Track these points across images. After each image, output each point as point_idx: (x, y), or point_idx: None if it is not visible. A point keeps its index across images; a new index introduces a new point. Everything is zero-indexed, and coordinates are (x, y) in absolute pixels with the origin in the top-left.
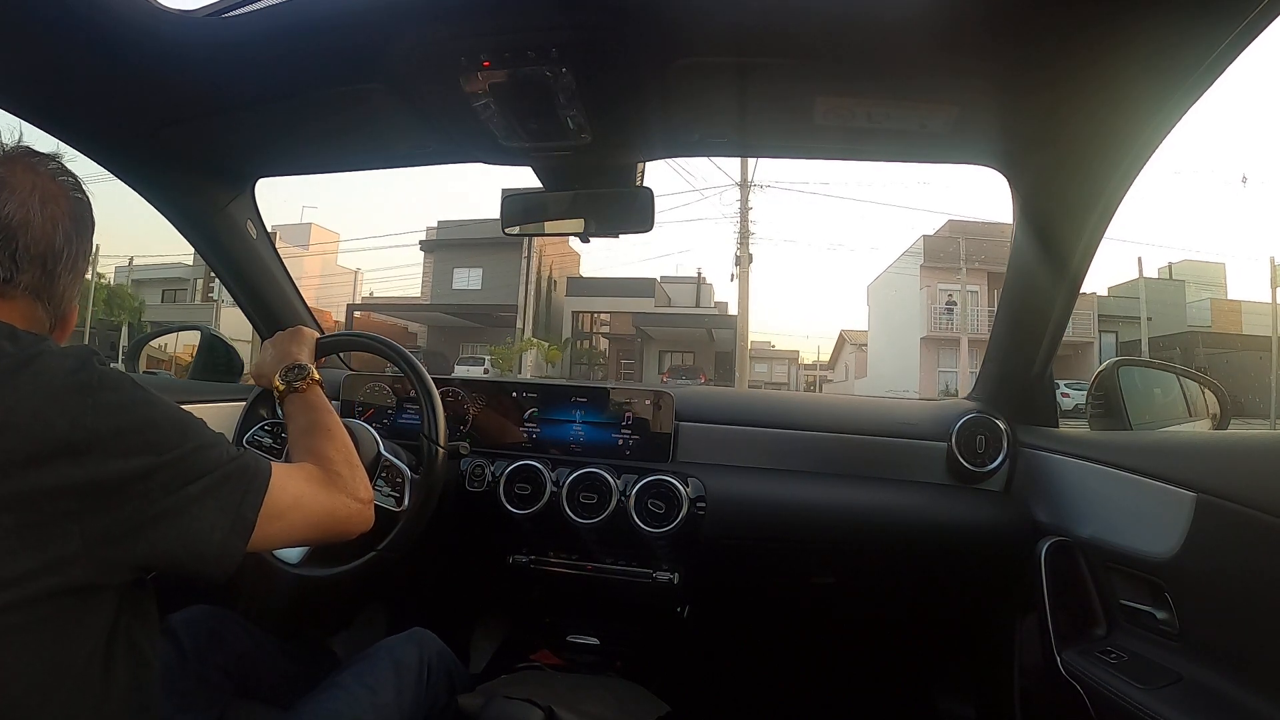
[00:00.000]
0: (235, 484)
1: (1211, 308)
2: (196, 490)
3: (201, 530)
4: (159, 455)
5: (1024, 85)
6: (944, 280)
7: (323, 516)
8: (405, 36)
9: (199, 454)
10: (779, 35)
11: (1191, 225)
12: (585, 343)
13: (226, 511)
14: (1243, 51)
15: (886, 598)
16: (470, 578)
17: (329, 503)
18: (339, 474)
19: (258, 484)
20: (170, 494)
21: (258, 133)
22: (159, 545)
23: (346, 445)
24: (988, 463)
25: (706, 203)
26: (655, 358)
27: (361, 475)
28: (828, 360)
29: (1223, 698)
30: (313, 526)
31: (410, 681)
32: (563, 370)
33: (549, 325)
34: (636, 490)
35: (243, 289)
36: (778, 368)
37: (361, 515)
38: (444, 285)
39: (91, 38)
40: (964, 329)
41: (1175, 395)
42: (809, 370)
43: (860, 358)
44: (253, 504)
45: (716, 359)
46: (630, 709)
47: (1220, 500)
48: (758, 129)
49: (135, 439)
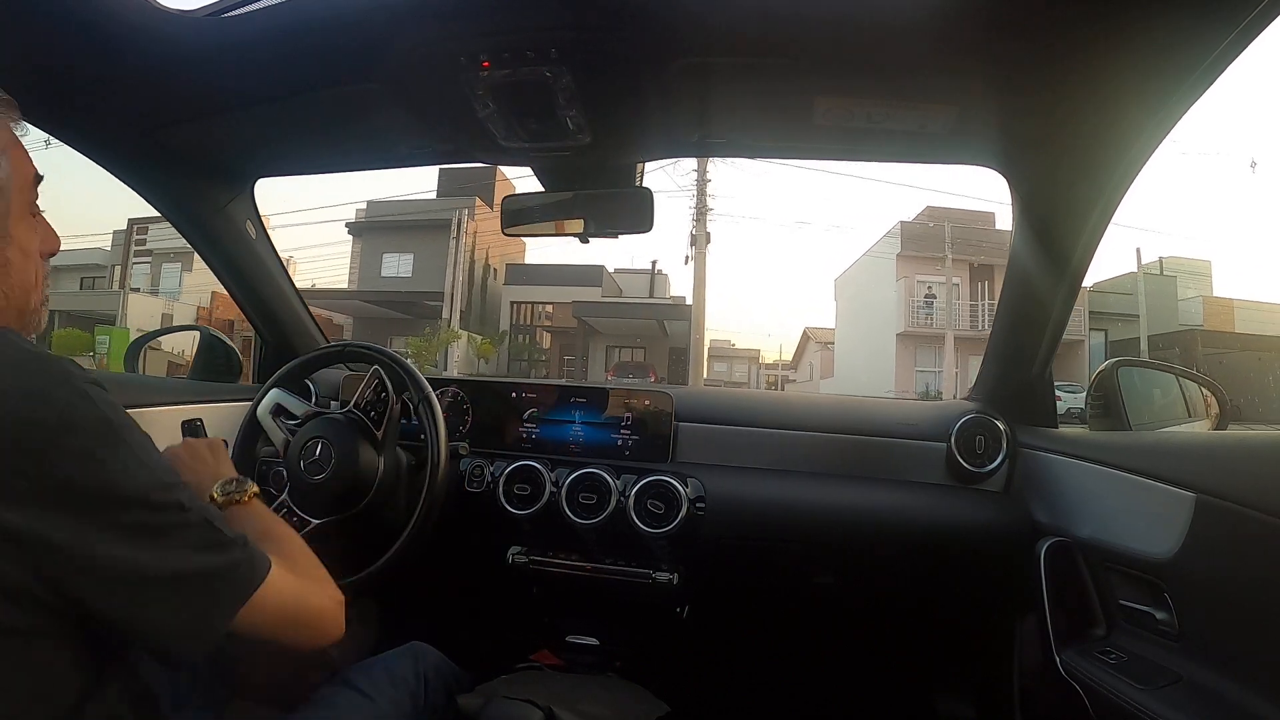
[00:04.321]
0: (214, 583)
1: (1204, 305)
2: (163, 570)
3: (153, 618)
4: (119, 515)
5: (1024, 85)
6: (923, 270)
7: (308, 618)
8: (405, 37)
9: (184, 528)
10: (778, 36)
11: (1191, 213)
12: (526, 337)
13: (190, 610)
14: (1243, 51)
15: (886, 598)
16: (469, 578)
17: (314, 605)
18: (315, 577)
19: (242, 588)
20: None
21: (257, 133)
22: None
23: (306, 550)
24: (987, 463)
25: (660, 173)
26: (603, 353)
27: (329, 578)
28: (790, 360)
29: (1222, 698)
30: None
31: (406, 694)
32: (498, 367)
33: (484, 316)
34: (636, 490)
35: (242, 289)
36: (738, 367)
37: (340, 618)
38: (372, 272)
39: (91, 37)
40: (949, 324)
41: (1175, 396)
42: (770, 369)
43: (826, 356)
44: (225, 612)
45: (670, 355)
46: (630, 709)
47: (1220, 501)
48: (757, 129)
49: (90, 497)
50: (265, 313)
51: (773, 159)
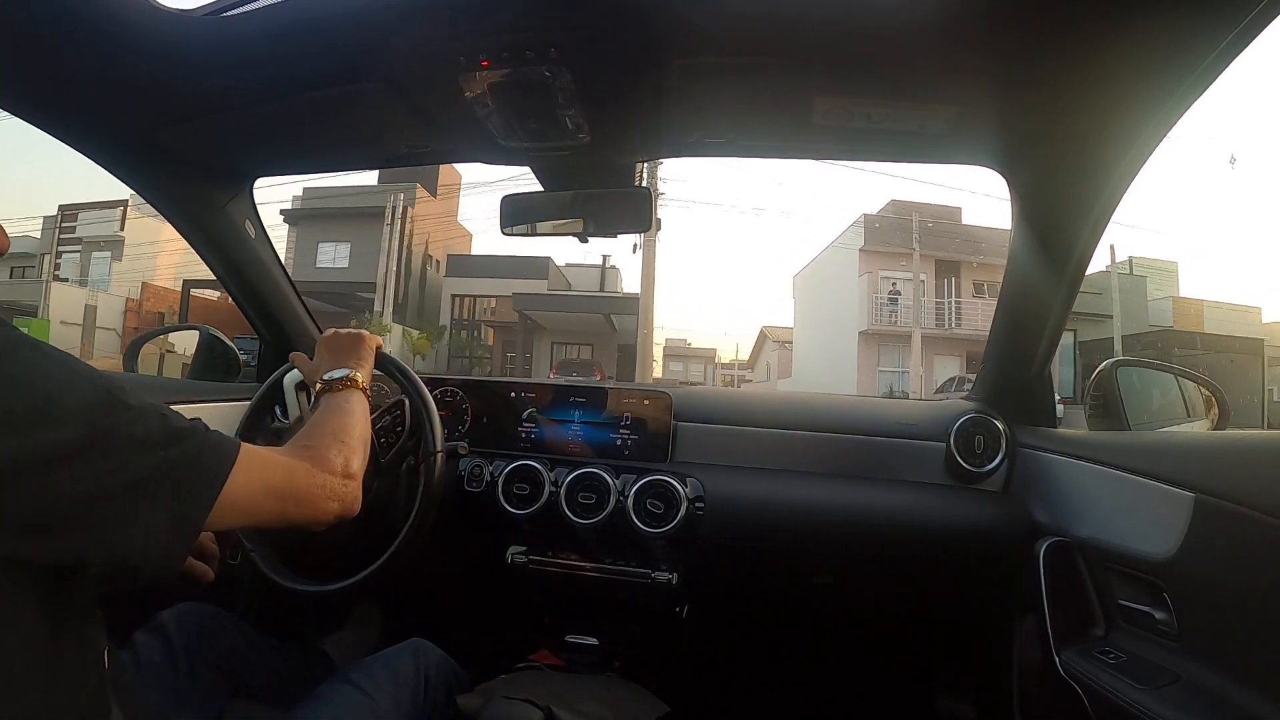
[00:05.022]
0: (178, 476)
1: (1173, 306)
2: (121, 481)
3: (129, 532)
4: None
5: (1023, 85)
6: (887, 266)
7: (294, 495)
8: (404, 36)
9: (129, 429)
10: (777, 35)
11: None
12: (469, 333)
13: (164, 511)
14: (1242, 51)
15: (885, 598)
16: (469, 578)
17: (303, 482)
18: (325, 447)
19: (210, 476)
20: (83, 483)
21: (256, 132)
22: (71, 542)
23: (346, 427)
24: (986, 463)
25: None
26: (548, 350)
27: (355, 453)
28: (747, 359)
29: (1221, 698)
30: (279, 514)
31: (407, 691)
32: (436, 365)
33: (423, 310)
34: (635, 490)
35: (241, 288)
36: (693, 366)
37: (340, 492)
38: (308, 261)
39: (90, 37)
40: (915, 321)
41: (1174, 396)
42: (726, 369)
43: (784, 356)
44: (202, 502)
45: (619, 352)
46: (629, 709)
47: (1219, 501)
48: (756, 129)
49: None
50: (265, 312)
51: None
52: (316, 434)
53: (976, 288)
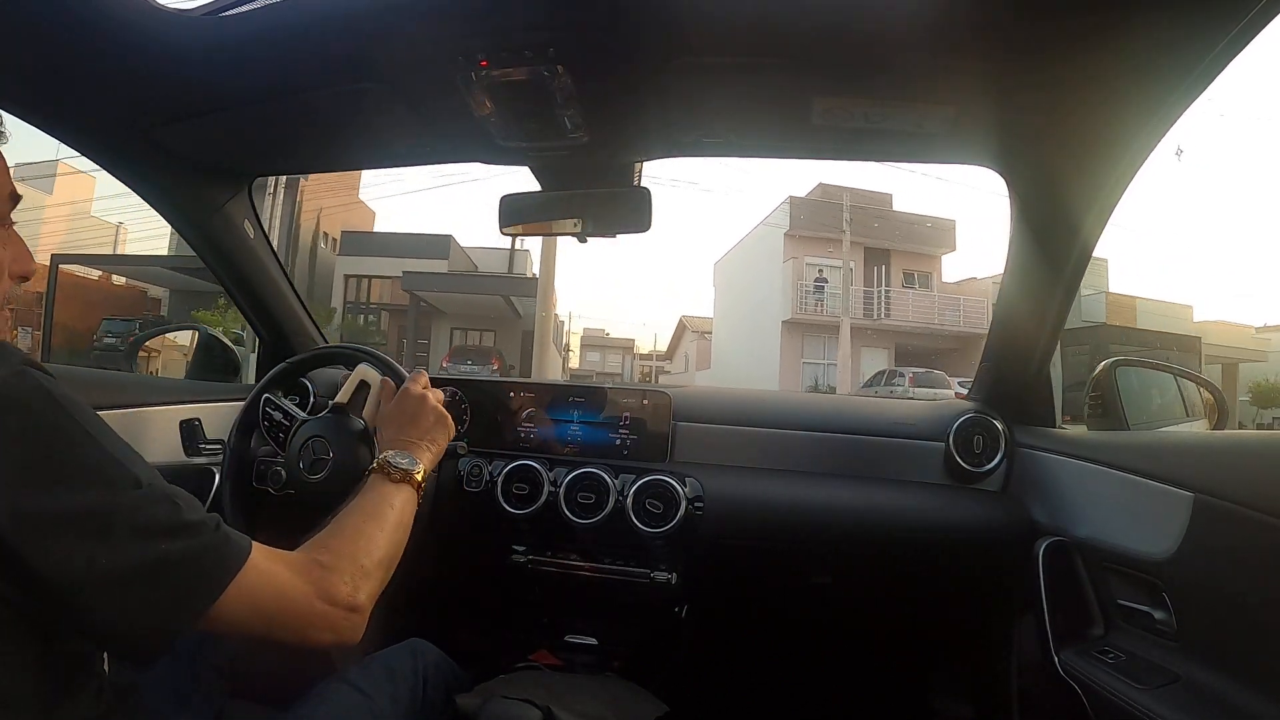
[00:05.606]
0: (174, 576)
1: (1106, 302)
2: (114, 564)
3: (108, 617)
4: (60, 496)
5: (1021, 84)
6: (813, 252)
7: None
8: (403, 36)
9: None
10: (776, 35)
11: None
12: (365, 317)
13: (150, 610)
14: (1241, 51)
15: (884, 598)
16: (468, 577)
17: (298, 609)
18: (338, 570)
19: (210, 582)
20: (75, 557)
21: (255, 132)
22: (45, 609)
23: (376, 543)
24: (985, 463)
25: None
26: (447, 336)
27: (371, 580)
28: (665, 350)
29: (1220, 698)
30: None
31: (405, 691)
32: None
33: (312, 291)
34: (634, 490)
35: (240, 289)
36: (611, 356)
37: (338, 625)
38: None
39: (88, 36)
40: (844, 310)
41: (1172, 396)
42: (645, 360)
43: (703, 346)
44: (192, 608)
45: (524, 340)
46: (628, 709)
47: (1217, 500)
48: (755, 129)
49: (33, 476)
50: (263, 312)
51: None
52: (339, 545)
53: (907, 277)
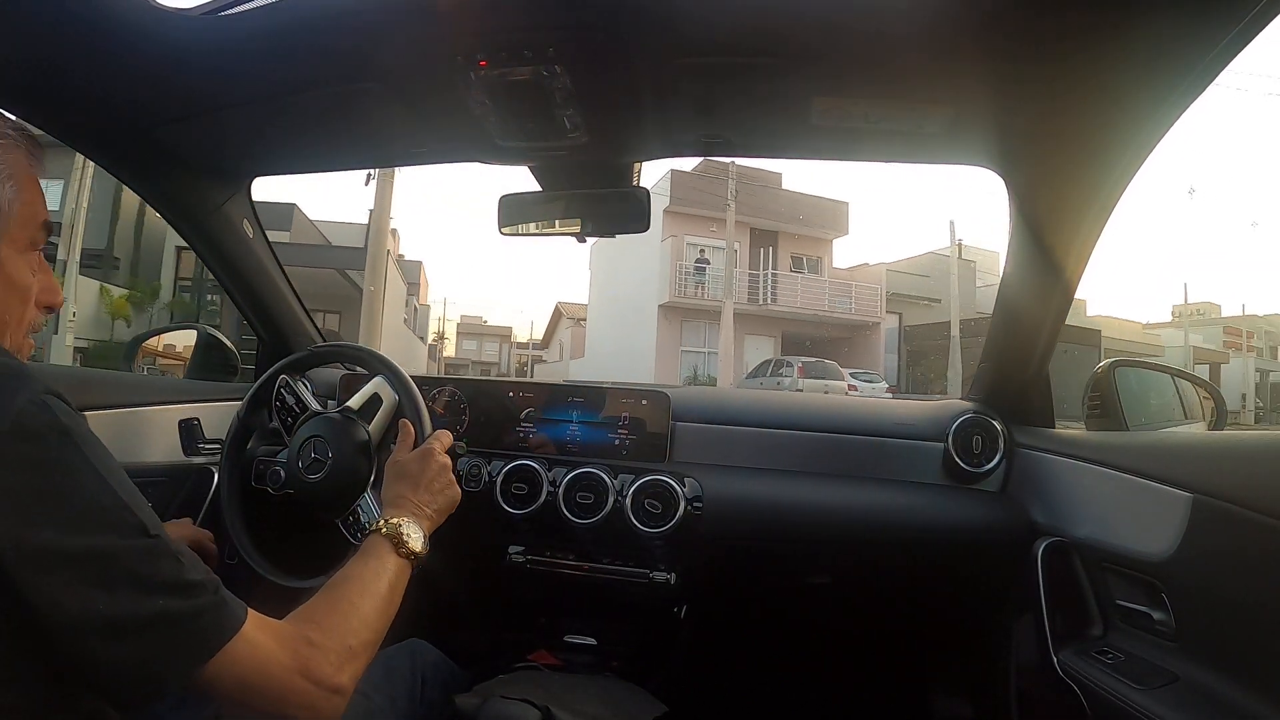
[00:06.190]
0: (170, 634)
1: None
2: (110, 613)
3: (96, 664)
4: (63, 536)
5: (1021, 85)
6: (695, 230)
7: (261, 692)
8: (402, 36)
9: (136, 562)
10: (776, 36)
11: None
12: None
13: (140, 665)
14: (1240, 51)
15: (883, 598)
16: (467, 578)
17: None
18: (324, 648)
19: (206, 644)
20: (71, 599)
21: (254, 131)
22: (34, 644)
23: (366, 621)
24: (984, 463)
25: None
26: None
27: (356, 660)
28: (542, 338)
29: (1219, 698)
30: (241, 702)
31: (403, 690)
32: (146, 330)
33: (138, 266)
34: (633, 490)
35: (239, 288)
36: (488, 345)
37: (317, 705)
38: None
39: (88, 36)
40: (728, 294)
41: (1170, 396)
42: (522, 348)
43: (578, 334)
44: (183, 668)
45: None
46: (627, 709)
47: (1216, 501)
48: (754, 129)
49: (38, 512)
50: (262, 312)
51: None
52: (331, 622)
53: (795, 261)
